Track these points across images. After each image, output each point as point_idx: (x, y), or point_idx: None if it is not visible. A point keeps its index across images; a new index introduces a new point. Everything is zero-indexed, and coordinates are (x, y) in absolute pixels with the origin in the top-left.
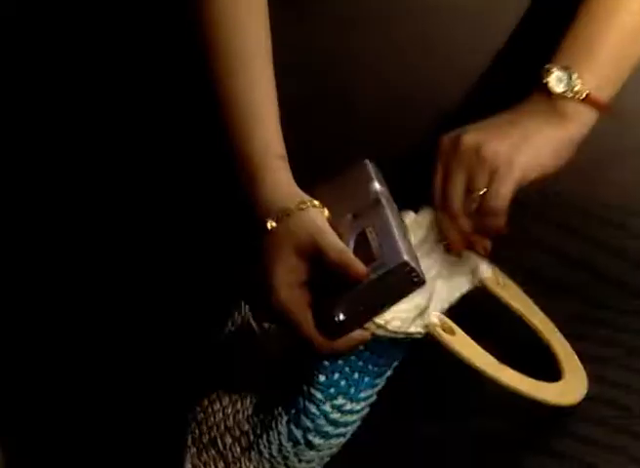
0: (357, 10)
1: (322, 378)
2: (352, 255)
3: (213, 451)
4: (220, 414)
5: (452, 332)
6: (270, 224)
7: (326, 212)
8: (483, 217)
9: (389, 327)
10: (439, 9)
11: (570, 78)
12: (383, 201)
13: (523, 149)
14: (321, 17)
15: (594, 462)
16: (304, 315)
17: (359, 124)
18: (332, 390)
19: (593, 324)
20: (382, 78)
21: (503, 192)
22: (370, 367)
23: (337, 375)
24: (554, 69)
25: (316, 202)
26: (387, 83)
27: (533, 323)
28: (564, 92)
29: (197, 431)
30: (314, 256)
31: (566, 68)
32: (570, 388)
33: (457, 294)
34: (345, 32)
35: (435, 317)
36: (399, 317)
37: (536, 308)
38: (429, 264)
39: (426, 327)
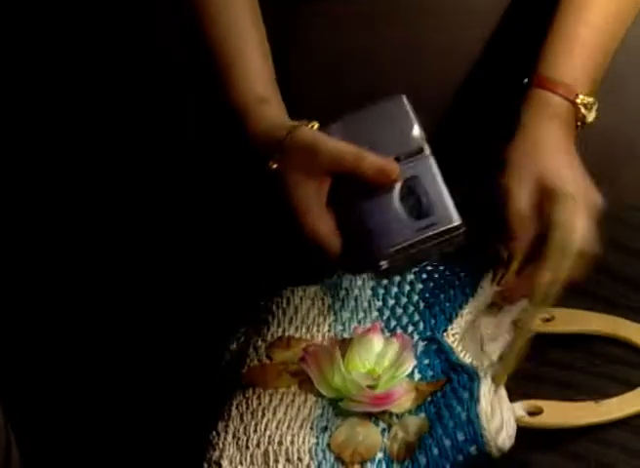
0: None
1: None
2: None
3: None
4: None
5: (540, 410)
6: (272, 164)
7: (316, 124)
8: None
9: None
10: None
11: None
12: (427, 150)
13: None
14: (344, 17)
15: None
16: (333, 241)
17: None
18: None
19: None
20: (404, 77)
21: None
22: None
23: None
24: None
25: (303, 122)
26: (410, 82)
27: (600, 330)
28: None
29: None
30: (323, 171)
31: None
32: None
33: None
34: (370, 32)
35: (520, 409)
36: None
37: (589, 314)
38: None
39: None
